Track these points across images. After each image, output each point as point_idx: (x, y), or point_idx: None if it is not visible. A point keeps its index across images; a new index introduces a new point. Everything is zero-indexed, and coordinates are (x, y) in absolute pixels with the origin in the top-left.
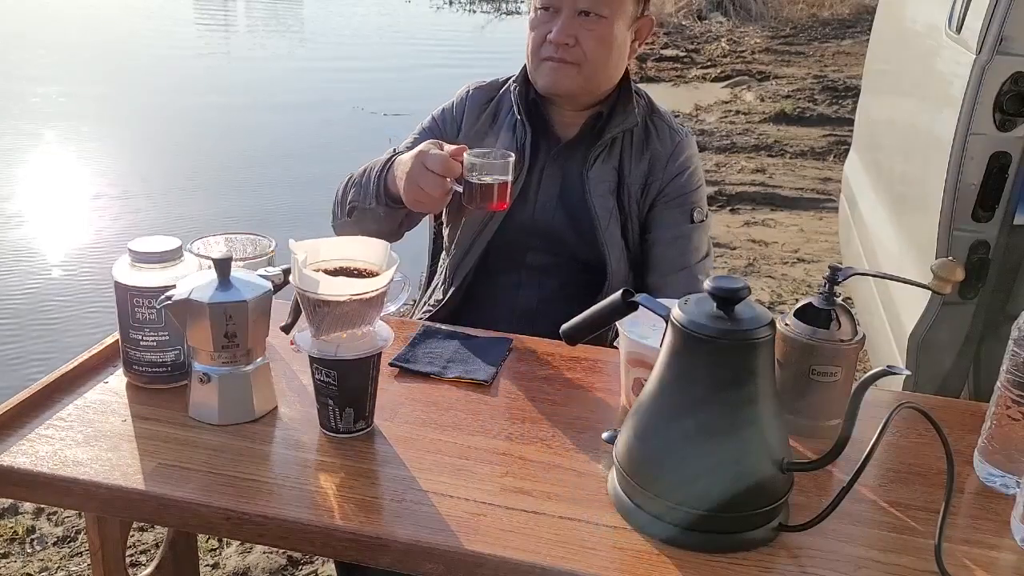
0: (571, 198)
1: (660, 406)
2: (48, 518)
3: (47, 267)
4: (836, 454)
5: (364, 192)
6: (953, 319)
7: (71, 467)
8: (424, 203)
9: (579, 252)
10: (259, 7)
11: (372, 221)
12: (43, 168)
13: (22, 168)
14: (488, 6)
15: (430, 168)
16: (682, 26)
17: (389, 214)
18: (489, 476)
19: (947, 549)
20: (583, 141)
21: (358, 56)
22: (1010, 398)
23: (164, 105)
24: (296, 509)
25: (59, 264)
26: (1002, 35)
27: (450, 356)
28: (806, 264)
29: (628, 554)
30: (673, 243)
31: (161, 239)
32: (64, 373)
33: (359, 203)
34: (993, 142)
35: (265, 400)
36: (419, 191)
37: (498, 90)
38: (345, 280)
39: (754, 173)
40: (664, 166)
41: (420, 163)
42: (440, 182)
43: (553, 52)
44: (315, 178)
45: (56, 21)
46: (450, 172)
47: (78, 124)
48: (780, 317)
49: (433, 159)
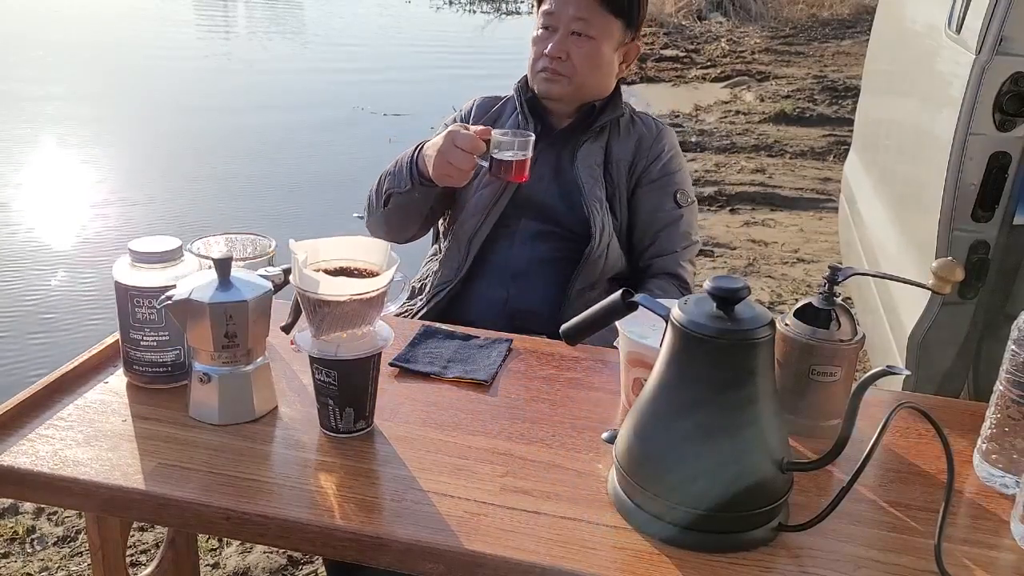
0: (562, 173)
1: (660, 406)
2: (48, 518)
3: (47, 267)
4: (836, 454)
5: (399, 178)
6: (953, 319)
7: (71, 467)
8: (452, 176)
9: (566, 220)
10: (259, 8)
11: (407, 206)
12: (43, 168)
13: (22, 169)
14: (488, 6)
15: (459, 145)
16: (682, 26)
17: (423, 194)
18: (489, 476)
19: (947, 549)
20: (576, 129)
21: (358, 57)
22: (1010, 398)
23: (164, 106)
24: (296, 509)
25: (59, 264)
26: (1002, 35)
27: (450, 356)
28: (806, 264)
29: (628, 554)
30: (659, 225)
31: (161, 239)
32: (64, 373)
33: (395, 189)
34: (993, 142)
35: (265, 400)
36: (448, 165)
37: (499, 101)
38: (345, 280)
39: (754, 173)
40: (649, 146)
41: (450, 140)
42: (468, 158)
43: (548, 64)
44: (315, 178)
45: (55, 22)
46: (476, 149)
47: (78, 124)
48: (780, 317)
49: (462, 137)
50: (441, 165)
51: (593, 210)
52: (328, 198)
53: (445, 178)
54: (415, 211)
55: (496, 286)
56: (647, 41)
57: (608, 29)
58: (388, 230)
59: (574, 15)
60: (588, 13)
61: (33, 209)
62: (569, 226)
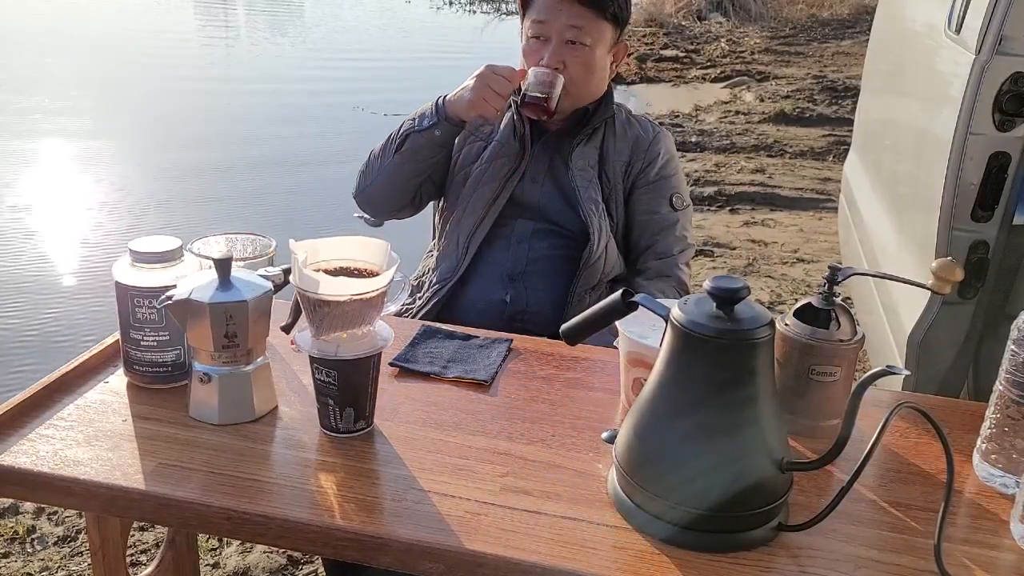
0: (557, 176)
1: (660, 406)
2: (48, 518)
3: (48, 267)
4: (836, 454)
5: (420, 118)
6: (952, 319)
7: (71, 467)
8: (488, 101)
9: (563, 220)
10: (259, 8)
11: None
12: (43, 169)
13: (22, 169)
14: (488, 7)
15: (499, 73)
16: (682, 26)
17: (445, 134)
18: (489, 476)
19: (947, 549)
20: (569, 131)
21: (358, 56)
22: (1009, 398)
23: (164, 106)
24: (296, 509)
25: (60, 264)
26: (1002, 35)
27: (450, 356)
28: (806, 264)
29: (628, 554)
30: (656, 228)
31: (161, 239)
32: (64, 373)
33: (415, 128)
34: (992, 142)
35: (265, 400)
36: (487, 88)
37: None
38: (345, 280)
39: (754, 173)
40: (645, 149)
41: (491, 69)
42: (506, 85)
43: None
44: (316, 178)
45: (54, 22)
46: (514, 78)
47: (78, 125)
48: (780, 317)
49: (501, 67)
50: (480, 88)
51: (589, 212)
52: (328, 198)
53: (480, 103)
54: (425, 159)
55: (495, 287)
56: (647, 41)
57: (602, 34)
58: (386, 187)
59: (568, 23)
60: (582, 20)
61: (33, 209)
62: (566, 226)
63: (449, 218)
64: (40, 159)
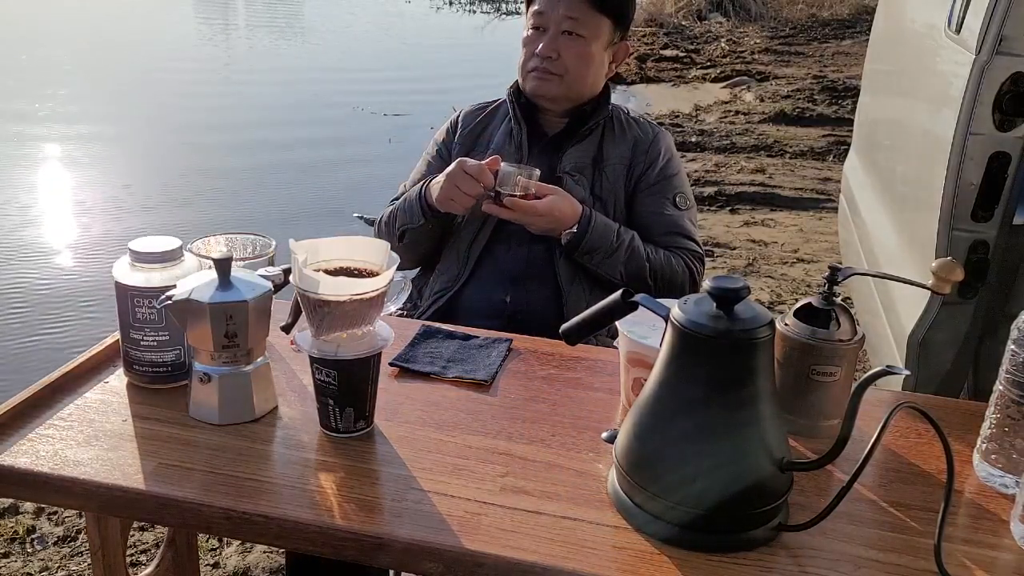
0: (550, 179)
1: (660, 406)
2: (48, 518)
3: (48, 267)
4: (836, 454)
5: (410, 214)
6: (953, 319)
7: (71, 467)
8: (456, 201)
9: None
10: (259, 8)
11: (421, 239)
12: (43, 169)
13: (22, 169)
14: (488, 6)
15: (468, 172)
16: (682, 26)
17: (436, 225)
18: (489, 476)
19: (947, 549)
20: (567, 135)
21: (358, 56)
22: (1009, 398)
23: (164, 106)
24: (296, 509)
25: (60, 264)
26: (1002, 35)
27: (450, 356)
28: (806, 264)
29: (628, 554)
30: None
31: (161, 239)
32: (64, 373)
33: (408, 225)
34: (992, 142)
35: (265, 400)
36: (454, 189)
37: (486, 108)
38: (345, 280)
39: (754, 173)
40: (646, 150)
41: (460, 167)
42: (474, 184)
43: (539, 63)
44: (315, 178)
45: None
46: (484, 178)
47: (78, 125)
48: (780, 317)
49: (472, 165)
50: (448, 189)
51: None
52: (328, 198)
53: (448, 202)
54: (430, 242)
55: (495, 289)
56: (647, 41)
57: (599, 28)
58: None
59: (564, 14)
60: (579, 12)
61: (33, 209)
62: None
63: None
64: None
